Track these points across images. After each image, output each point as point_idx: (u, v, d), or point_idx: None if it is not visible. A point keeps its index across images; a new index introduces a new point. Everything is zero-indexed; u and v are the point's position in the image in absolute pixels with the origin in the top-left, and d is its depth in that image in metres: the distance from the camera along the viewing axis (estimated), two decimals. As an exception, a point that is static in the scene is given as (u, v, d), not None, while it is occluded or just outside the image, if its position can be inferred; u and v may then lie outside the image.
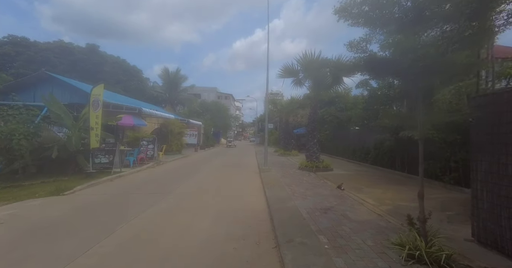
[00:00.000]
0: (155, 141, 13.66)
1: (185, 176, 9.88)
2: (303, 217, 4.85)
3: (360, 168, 12.70)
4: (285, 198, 6.34)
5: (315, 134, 12.07)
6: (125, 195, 6.80)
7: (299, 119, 27.00)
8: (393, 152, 10.96)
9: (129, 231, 4.28)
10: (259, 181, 9.21)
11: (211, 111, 41.24)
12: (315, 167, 11.30)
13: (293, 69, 12.03)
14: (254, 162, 15.41)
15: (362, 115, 17.81)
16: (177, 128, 19.50)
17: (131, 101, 21.06)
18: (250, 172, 11.40)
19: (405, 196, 6.58)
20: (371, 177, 9.75)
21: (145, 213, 5.15)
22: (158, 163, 13.57)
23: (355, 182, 8.71)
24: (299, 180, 9.07)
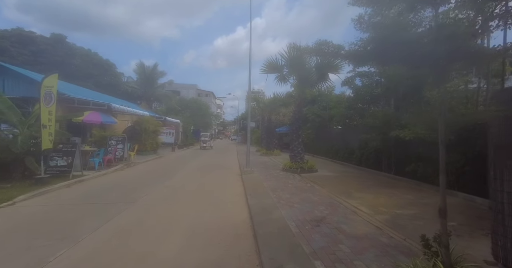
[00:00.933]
0: (125, 140, 12.39)
1: (157, 180, 8.83)
2: (292, 232, 4.10)
3: (345, 169, 12.26)
4: (270, 206, 5.57)
5: (299, 133, 11.44)
6: (78, 205, 5.70)
7: (281, 118, 26.50)
8: (379, 153, 10.59)
9: (66, 265, 3.25)
10: (240, 185, 8.39)
11: (190, 109, 39.71)
12: (299, 168, 10.67)
13: (277, 64, 11.30)
14: (235, 163, 14.56)
15: (345, 114, 17.55)
16: (152, 126, 18.15)
17: (101, 96, 19.38)
18: (231, 175, 10.54)
19: (399, 202, 6.06)
20: (358, 179, 9.25)
21: (95, 233, 4.14)
22: (129, 164, 12.32)
23: (343, 185, 8.15)
24: (284, 183, 8.37)
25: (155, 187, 7.72)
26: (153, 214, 5.17)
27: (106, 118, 13.74)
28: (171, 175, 10.06)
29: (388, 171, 10.06)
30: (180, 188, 7.81)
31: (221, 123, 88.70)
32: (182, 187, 7.97)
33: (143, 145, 17.53)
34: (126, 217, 4.94)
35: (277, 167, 12.28)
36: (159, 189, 7.56)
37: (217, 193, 7.22)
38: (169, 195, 6.89)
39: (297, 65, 10.84)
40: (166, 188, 7.69)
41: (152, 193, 7.03)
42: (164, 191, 7.29)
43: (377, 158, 10.82)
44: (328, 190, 7.41)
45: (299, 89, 11.45)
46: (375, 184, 8.28)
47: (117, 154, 12.06)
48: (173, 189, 7.64)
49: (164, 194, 6.93)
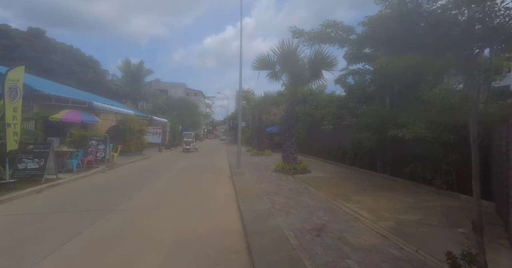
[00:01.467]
0: (106, 140, 11.60)
1: (140, 184, 8.17)
2: (291, 244, 3.63)
3: (338, 169, 11.93)
4: (264, 212, 5.08)
5: (292, 133, 11.02)
6: (47, 215, 5.01)
7: (272, 117, 26.08)
8: (374, 153, 10.29)
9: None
10: (231, 187, 7.87)
11: (178, 108, 38.72)
12: (292, 169, 10.24)
13: (269, 61, 10.83)
14: (225, 164, 13.99)
15: (337, 114, 17.29)
16: (137, 125, 17.31)
17: (83, 94, 18.36)
18: (221, 176, 9.99)
19: (400, 206, 5.70)
20: (353, 181, 8.90)
21: (62, 250, 3.53)
22: (111, 166, 11.55)
23: (339, 187, 7.76)
24: (278, 185, 7.90)
25: (138, 192, 7.07)
26: (133, 224, 4.57)
27: (87, 117, 12.87)
28: (156, 177, 9.40)
29: (384, 171, 9.78)
30: (166, 192, 7.20)
31: (210, 123, 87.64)
32: (167, 191, 7.36)
33: (127, 145, 16.68)
34: (102, 228, 4.32)
35: (269, 168, 11.82)
36: (142, 193, 6.93)
37: (206, 198, 6.67)
38: (152, 200, 6.28)
39: (290, 61, 10.41)
40: (150, 193, 7.06)
41: (134, 198, 6.39)
42: (147, 196, 6.66)
43: (372, 158, 10.53)
44: (324, 192, 7.00)
45: (291, 87, 11.03)
46: (372, 186, 7.94)
47: (98, 155, 11.26)
48: (157, 193, 7.03)
49: (147, 200, 6.31)
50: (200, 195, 6.94)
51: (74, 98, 12.71)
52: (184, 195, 6.88)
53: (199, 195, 6.89)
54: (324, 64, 10.18)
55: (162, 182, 8.65)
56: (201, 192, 7.32)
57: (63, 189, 7.28)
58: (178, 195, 6.91)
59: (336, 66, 10.08)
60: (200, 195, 6.94)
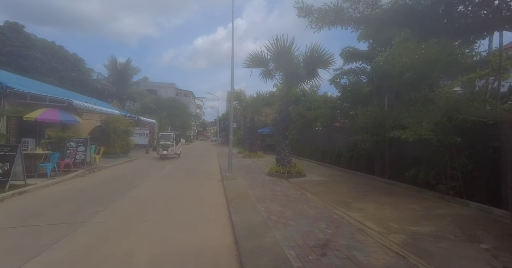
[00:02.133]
0: (87, 141, 10.73)
1: (121, 190, 7.43)
2: (293, 267, 3.05)
3: (333, 172, 11.47)
4: (259, 225, 4.48)
5: (286, 134, 10.47)
6: (2, 231, 4.26)
7: (263, 119, 25.55)
8: (371, 155, 9.86)
9: None
10: (222, 193, 7.23)
11: (168, 108, 37.74)
12: (287, 173, 9.70)
13: (262, 58, 10.27)
14: (216, 167, 13.32)
15: (330, 115, 16.91)
16: (122, 125, 16.38)
17: (65, 93, 17.33)
18: (211, 180, 9.33)
19: (407, 215, 5.21)
20: (351, 185, 8.42)
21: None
22: (92, 170, 10.69)
23: (337, 193, 7.25)
24: (272, 191, 7.32)
25: (118, 199, 6.34)
26: (105, 242, 3.88)
27: (66, 116, 11.94)
28: (140, 182, 8.66)
29: (382, 175, 9.35)
30: (149, 199, 6.49)
31: (201, 124, 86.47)
32: (151, 198, 6.65)
33: (112, 147, 15.77)
34: (63, 249, 3.61)
35: (262, 171, 11.23)
36: (122, 201, 6.20)
37: (194, 206, 6.01)
38: (132, 210, 5.58)
39: (284, 59, 9.88)
40: (131, 200, 6.34)
41: (112, 207, 5.67)
42: (127, 205, 5.95)
43: (369, 161, 10.10)
44: (322, 199, 6.47)
45: (286, 86, 10.50)
46: (372, 191, 7.47)
47: (77, 157, 10.39)
48: (139, 201, 6.32)
49: (127, 209, 5.61)
50: (187, 203, 6.28)
51: (52, 96, 11.78)
52: (169, 204, 6.20)
53: (186, 203, 6.22)
54: (320, 62, 9.69)
55: (145, 187, 7.93)
56: (188, 199, 6.65)
57: (31, 197, 6.47)
58: (162, 203, 6.22)
59: (333, 64, 9.63)
60: (187, 203, 6.28)
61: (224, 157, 18.05)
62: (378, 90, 9.83)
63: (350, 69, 10.67)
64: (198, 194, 7.22)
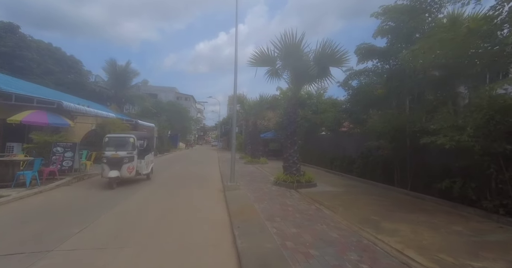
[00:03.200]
0: (75, 146, 9.76)
1: (107, 202, 6.44)
2: None
3: (346, 181, 10.44)
4: (272, 256, 3.48)
5: (295, 139, 9.50)
6: None
7: (266, 123, 24.61)
8: (391, 164, 8.85)
9: None
10: (223, 208, 6.23)
11: (168, 112, 36.85)
12: (296, 182, 8.70)
13: (268, 56, 9.38)
14: (216, 174, 12.31)
15: (337, 118, 15.96)
16: (118, 129, 15.40)
17: (58, 95, 16.47)
18: (211, 191, 8.33)
19: (457, 242, 4.19)
20: (371, 198, 7.41)
21: None
22: (81, 177, 9.71)
23: (358, 207, 6.24)
24: (282, 205, 6.31)
25: (100, 215, 5.35)
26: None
27: (55, 119, 11.01)
28: (130, 193, 7.67)
29: (402, 185, 8.34)
30: (137, 216, 5.49)
31: (201, 128, 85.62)
32: (139, 214, 5.65)
33: (106, 152, 14.78)
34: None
35: (267, 180, 10.23)
36: (104, 219, 5.21)
37: (190, 224, 5.01)
38: (116, 231, 4.58)
39: (293, 56, 8.98)
40: (116, 217, 5.34)
41: (92, 227, 4.68)
42: (111, 224, 4.95)
43: (387, 170, 9.10)
44: (343, 216, 5.47)
45: (294, 86, 9.57)
46: (397, 206, 6.45)
47: (64, 164, 9.41)
48: (126, 218, 5.32)
49: (109, 230, 4.61)
50: (183, 221, 5.27)
51: (40, 97, 10.88)
52: (161, 222, 5.20)
53: (181, 222, 5.21)
54: (332, 60, 8.79)
55: (135, 199, 6.93)
56: (184, 216, 5.64)
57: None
58: (153, 221, 5.22)
59: (347, 62, 8.73)
60: (183, 221, 5.27)
61: (225, 163, 17.07)
62: (397, 92, 8.87)
63: (365, 68, 9.71)
64: (196, 208, 6.21)
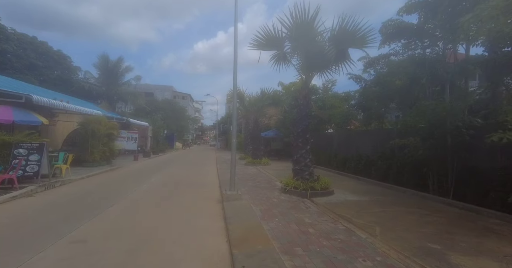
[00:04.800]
0: (42, 148, 8.10)
1: (72, 220, 4.83)
2: None
3: (366, 187, 8.88)
4: None
5: (307, 137, 7.92)
6: None
7: (266, 121, 23.01)
8: (423, 166, 7.29)
9: None
10: (221, 230, 4.64)
11: (163, 110, 35.19)
12: (309, 190, 7.12)
13: (275, 37, 7.78)
14: (214, 179, 10.72)
15: (348, 114, 14.49)
16: (103, 128, 13.80)
17: (45, 93, 14.80)
18: (206, 203, 6.74)
19: None
20: (410, 211, 5.86)
21: None
22: (51, 184, 8.07)
23: (401, 227, 4.67)
24: (299, 224, 4.73)
25: (56, 241, 3.75)
26: None
27: (23, 116, 9.40)
28: (107, 204, 6.05)
29: (441, 193, 6.79)
30: (104, 243, 3.88)
31: (199, 128, 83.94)
32: (109, 240, 4.03)
33: (90, 153, 13.17)
34: None
35: (273, 186, 8.66)
36: (58, 247, 3.60)
37: (176, 259, 3.42)
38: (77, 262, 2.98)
39: (305, 37, 7.40)
40: (74, 246, 3.73)
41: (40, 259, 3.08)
42: (64, 256, 3.35)
43: (418, 173, 7.55)
44: (388, 243, 3.90)
45: (306, 74, 7.97)
46: (452, 224, 4.90)
47: (28, 169, 7.78)
48: (88, 247, 3.71)
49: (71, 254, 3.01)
50: (161, 261, 3.66)
51: (3, 90, 9.24)
52: (137, 250, 3.59)
53: (159, 262, 3.60)
54: (353, 40, 7.20)
55: (109, 215, 5.31)
56: (168, 245, 4.04)
57: None
58: (122, 255, 3.61)
59: (372, 42, 7.12)
60: (161, 261, 3.66)
61: (224, 164, 15.47)
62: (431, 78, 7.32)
63: (389, 52, 8.13)
64: (185, 232, 4.61)
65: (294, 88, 20.23)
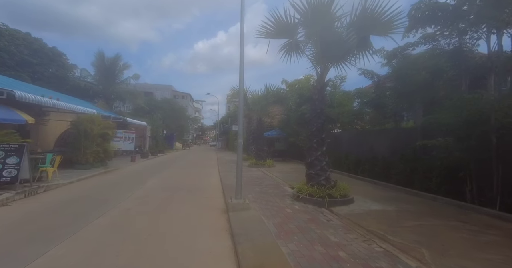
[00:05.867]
0: (23, 149, 7.15)
1: (47, 236, 3.88)
2: None
3: (386, 193, 7.92)
4: None
5: (322, 137, 6.98)
6: None
7: (269, 120, 22.09)
8: (459, 170, 6.33)
9: None
10: (228, 251, 3.71)
11: (162, 110, 34.23)
12: (327, 197, 6.18)
13: (286, 24, 6.84)
14: (216, 182, 9.77)
15: (356, 113, 13.59)
16: (97, 127, 12.86)
17: (35, 90, 13.86)
18: (209, 213, 5.80)
19: None
20: (453, 225, 4.92)
21: None
22: (33, 191, 7.13)
23: (457, 250, 3.73)
24: (325, 245, 3.78)
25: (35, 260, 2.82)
26: None
27: (3, 113, 8.46)
28: (91, 216, 5.09)
29: (483, 203, 5.84)
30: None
31: (199, 128, 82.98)
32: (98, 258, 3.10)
33: (82, 155, 12.23)
34: None
35: (283, 191, 7.72)
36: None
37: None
38: None
39: (321, 22, 6.46)
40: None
41: None
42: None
43: (453, 179, 6.60)
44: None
45: (321, 65, 7.02)
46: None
47: (4, 174, 6.83)
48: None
49: None
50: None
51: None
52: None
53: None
54: (376, 26, 6.24)
55: (92, 230, 4.36)
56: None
57: None
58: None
59: (399, 27, 6.16)
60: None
61: (226, 166, 14.54)
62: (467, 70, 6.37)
63: (417, 41, 7.16)
64: (182, 256, 3.66)
65: (299, 85, 19.30)
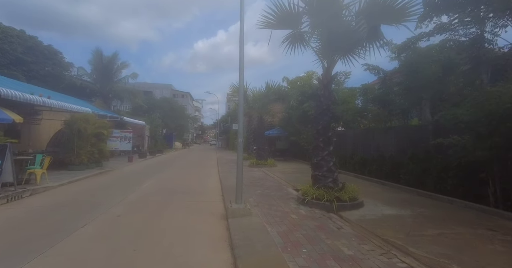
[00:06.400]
0: (5, 150, 6.63)
1: (22, 250, 3.38)
2: None
3: (397, 195, 7.40)
4: None
5: (329, 136, 6.46)
6: None
7: (270, 119, 21.56)
8: (479, 171, 5.81)
9: None
10: (226, 267, 3.20)
11: (161, 109, 33.72)
12: (335, 200, 5.67)
13: (290, 13, 6.30)
14: (215, 184, 9.26)
15: (360, 110, 13.07)
16: (91, 127, 12.36)
17: (29, 88, 13.36)
18: (207, 219, 5.29)
19: None
20: (481, 233, 4.40)
21: None
22: (17, 195, 6.62)
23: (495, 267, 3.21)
24: (339, 259, 3.27)
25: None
26: None
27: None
28: (77, 224, 4.59)
29: (508, 207, 5.32)
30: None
31: (199, 127, 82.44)
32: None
33: (76, 155, 11.73)
34: None
35: (287, 193, 7.22)
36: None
37: None
38: None
39: (328, 11, 5.92)
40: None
41: None
42: None
43: (471, 181, 6.09)
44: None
45: (328, 57, 6.48)
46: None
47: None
48: None
49: None
50: None
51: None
52: None
53: None
54: (388, 13, 5.73)
55: (69, 250, 3.85)
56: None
57: None
58: None
59: (414, 15, 5.63)
60: None
61: (226, 166, 14.03)
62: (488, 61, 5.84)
63: (432, 31, 6.62)
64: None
65: (301, 82, 18.78)
